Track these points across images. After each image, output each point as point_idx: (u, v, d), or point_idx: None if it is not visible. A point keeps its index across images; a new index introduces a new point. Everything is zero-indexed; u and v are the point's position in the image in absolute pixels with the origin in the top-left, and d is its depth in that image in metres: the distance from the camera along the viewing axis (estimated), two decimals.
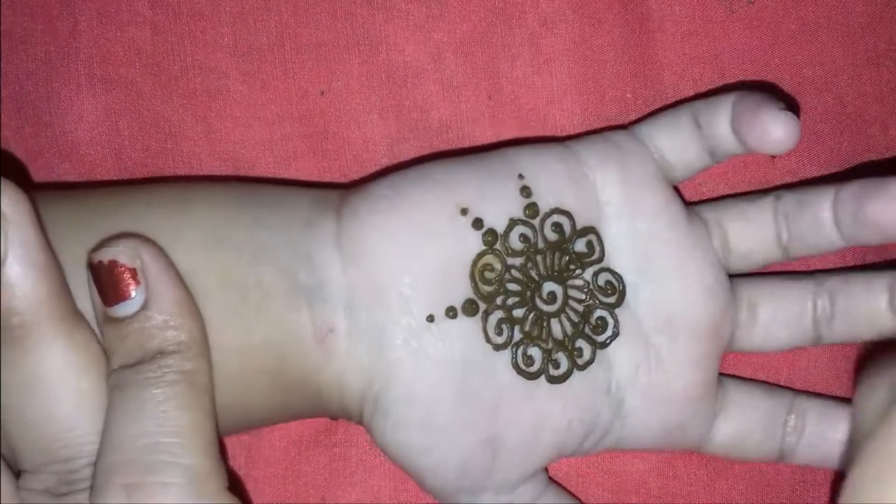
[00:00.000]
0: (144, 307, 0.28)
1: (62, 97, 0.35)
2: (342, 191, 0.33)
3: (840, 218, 0.32)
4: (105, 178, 0.35)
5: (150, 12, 0.35)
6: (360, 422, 0.32)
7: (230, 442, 0.35)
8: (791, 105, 0.35)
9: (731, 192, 0.36)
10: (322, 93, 0.35)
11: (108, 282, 0.28)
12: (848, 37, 0.36)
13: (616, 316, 0.32)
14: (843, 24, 0.36)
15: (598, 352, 0.32)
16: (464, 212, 0.31)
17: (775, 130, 0.31)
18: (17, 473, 0.29)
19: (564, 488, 0.35)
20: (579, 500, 0.35)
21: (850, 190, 0.32)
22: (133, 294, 0.28)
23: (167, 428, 0.27)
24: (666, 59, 0.36)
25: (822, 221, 0.32)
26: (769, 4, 0.35)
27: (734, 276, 0.34)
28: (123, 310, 0.28)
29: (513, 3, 0.35)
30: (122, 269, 0.28)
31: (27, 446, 0.28)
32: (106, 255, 0.29)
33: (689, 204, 0.34)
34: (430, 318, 0.30)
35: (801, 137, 0.35)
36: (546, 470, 0.34)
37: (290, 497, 0.36)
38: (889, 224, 0.31)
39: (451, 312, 0.30)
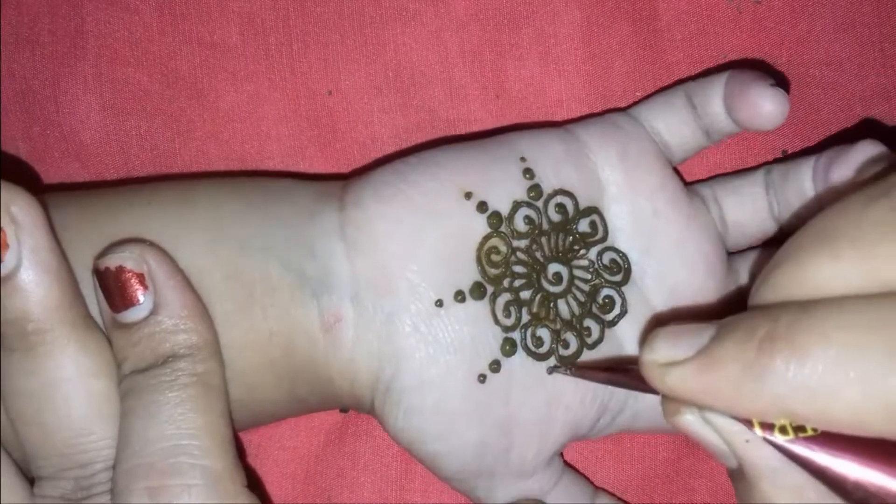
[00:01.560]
0: (153, 312, 0.28)
1: (69, 97, 0.35)
2: (344, 181, 0.33)
3: (816, 186, 0.32)
4: (113, 178, 0.36)
5: (157, 13, 0.35)
6: (370, 411, 0.32)
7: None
8: (782, 82, 0.35)
9: (728, 169, 0.36)
10: (329, 92, 0.36)
11: (115, 288, 0.29)
12: (855, 37, 0.36)
13: (623, 294, 0.32)
14: (851, 24, 0.36)
15: (607, 330, 0.32)
16: (468, 195, 0.31)
17: (764, 105, 0.31)
18: (32, 481, 0.29)
19: (580, 473, 0.35)
20: (594, 484, 0.35)
21: (823, 158, 0.32)
22: (141, 299, 0.28)
23: (185, 430, 0.28)
24: (674, 57, 0.36)
25: (805, 190, 0.33)
26: (776, 5, 0.36)
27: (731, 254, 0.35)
28: (132, 315, 0.29)
29: (521, 3, 0.36)
30: (130, 274, 0.29)
31: (44, 452, 0.28)
32: (112, 262, 0.29)
33: (686, 182, 0.35)
34: (439, 303, 0.30)
35: (810, 134, 0.36)
36: (562, 455, 0.34)
37: (297, 497, 0.36)
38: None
39: (459, 296, 0.30)
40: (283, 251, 0.30)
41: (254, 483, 0.31)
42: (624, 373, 0.29)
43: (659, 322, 0.32)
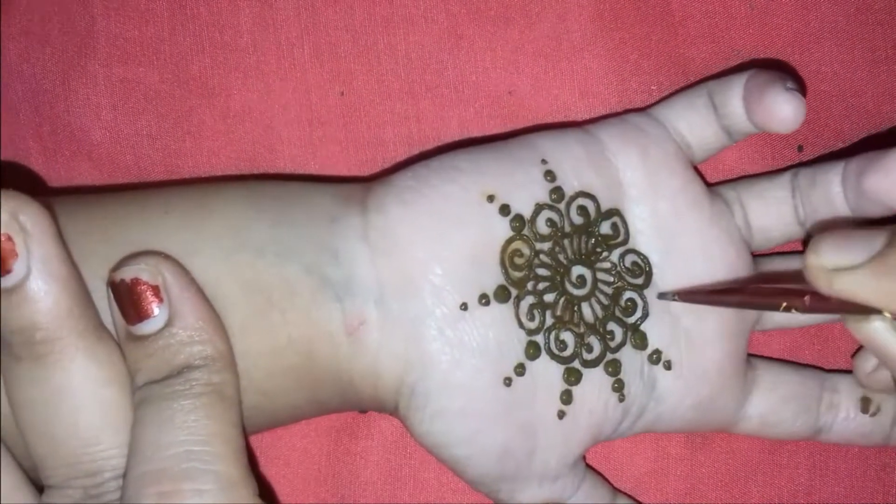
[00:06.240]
0: (168, 324, 0.28)
1: (80, 96, 0.35)
2: (364, 184, 0.33)
3: (846, 192, 0.32)
4: (123, 177, 0.35)
5: (168, 12, 0.35)
6: (394, 412, 0.32)
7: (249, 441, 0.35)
8: (796, 80, 0.35)
9: (752, 170, 0.36)
10: (342, 93, 0.36)
11: (129, 300, 0.28)
12: (867, 34, 0.36)
13: (645, 297, 0.32)
14: (862, 21, 0.36)
15: (629, 333, 0.32)
16: (490, 199, 0.31)
17: (780, 109, 0.31)
18: (41, 490, 0.29)
19: (602, 475, 0.35)
20: (615, 487, 0.35)
21: (854, 164, 0.32)
22: (156, 311, 0.28)
23: (197, 436, 0.27)
24: (688, 53, 0.36)
25: (832, 196, 0.33)
26: (788, 0, 0.36)
27: (758, 256, 0.34)
28: (147, 327, 0.28)
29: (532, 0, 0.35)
30: (144, 286, 0.28)
31: (53, 461, 0.28)
32: (127, 274, 0.28)
33: (709, 184, 0.35)
34: (464, 307, 0.30)
35: (822, 134, 0.36)
36: (584, 459, 0.34)
37: (308, 497, 0.35)
38: (885, 195, 0.31)
39: (483, 300, 0.30)
40: (303, 255, 0.30)
41: (265, 493, 0.31)
42: (735, 293, 0.30)
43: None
